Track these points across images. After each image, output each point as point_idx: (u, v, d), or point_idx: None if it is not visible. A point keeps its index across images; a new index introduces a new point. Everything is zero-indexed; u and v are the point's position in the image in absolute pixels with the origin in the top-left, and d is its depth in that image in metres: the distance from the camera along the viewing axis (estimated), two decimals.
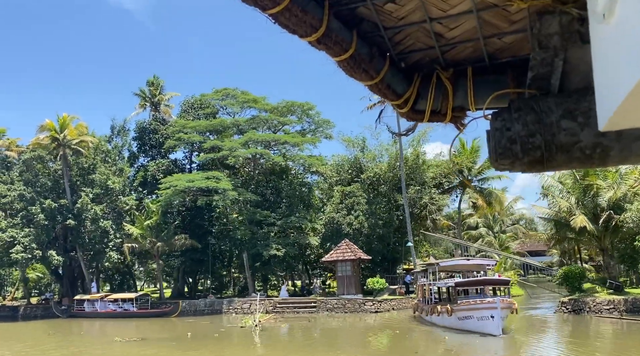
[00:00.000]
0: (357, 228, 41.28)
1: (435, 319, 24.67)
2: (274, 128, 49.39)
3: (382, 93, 2.71)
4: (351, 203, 42.57)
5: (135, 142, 52.25)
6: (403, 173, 43.00)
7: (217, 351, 21.28)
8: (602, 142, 1.82)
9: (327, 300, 37.99)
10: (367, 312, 35.53)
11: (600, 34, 1.19)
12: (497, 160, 2.04)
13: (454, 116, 2.84)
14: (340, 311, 36.47)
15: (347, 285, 38.45)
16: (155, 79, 53.30)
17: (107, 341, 23.96)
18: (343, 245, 39.13)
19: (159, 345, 22.76)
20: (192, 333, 26.15)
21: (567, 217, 35.30)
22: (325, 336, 26.20)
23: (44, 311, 44.84)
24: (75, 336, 28.40)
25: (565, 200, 35.02)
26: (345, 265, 38.56)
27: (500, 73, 2.66)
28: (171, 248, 43.11)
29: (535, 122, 1.93)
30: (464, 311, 22.03)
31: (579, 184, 35.13)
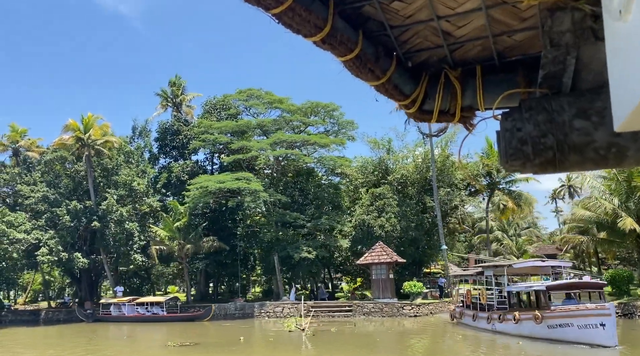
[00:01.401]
0: (389, 230, 40.54)
1: (502, 326, 22.68)
2: (297, 130, 48.74)
3: (388, 93, 2.65)
4: (382, 205, 41.84)
5: (156, 143, 51.40)
6: (434, 175, 42.37)
7: (280, 355, 20.48)
8: (618, 142, 1.73)
9: (363, 304, 37.21)
10: (405, 316, 34.80)
11: (616, 31, 1.12)
12: (507, 162, 1.95)
13: (463, 116, 2.76)
14: (378, 315, 35.71)
15: (383, 288, 37.67)
16: (177, 79, 52.53)
17: (159, 346, 23.10)
18: (377, 247, 38.38)
19: (218, 350, 21.93)
20: (243, 338, 25.31)
21: (609, 219, 34.81)
22: (381, 340, 25.40)
23: (67, 315, 43.85)
24: (118, 340, 27.48)
25: (608, 202, 34.44)
26: (380, 268, 37.79)
27: (510, 72, 2.59)
28: (199, 250, 42.26)
29: (547, 122, 1.87)
30: (558, 319, 19.39)
31: (622, 186, 34.61)
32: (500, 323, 22.77)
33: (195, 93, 53.25)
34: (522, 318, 21.36)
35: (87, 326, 37.52)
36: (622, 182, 34.98)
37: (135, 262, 43.50)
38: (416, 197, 45.00)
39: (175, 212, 42.42)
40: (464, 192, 46.37)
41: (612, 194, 34.98)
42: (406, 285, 37.60)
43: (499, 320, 22.92)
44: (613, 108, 1.15)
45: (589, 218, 36.17)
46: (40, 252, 39.80)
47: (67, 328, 37.29)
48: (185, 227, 41.91)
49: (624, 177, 34.64)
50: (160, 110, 52.43)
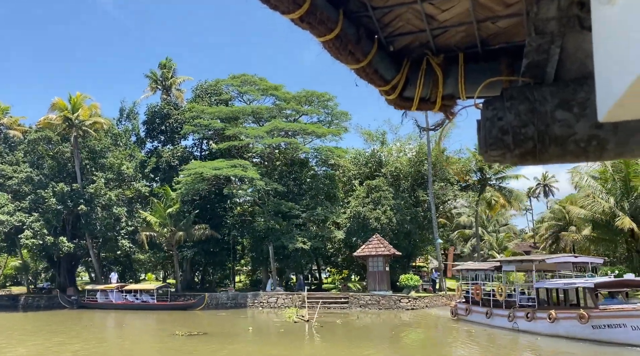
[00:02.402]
0: (385, 223, 40.35)
1: (529, 325, 21.12)
2: (290, 118, 48.02)
3: (369, 78, 2.60)
4: (378, 197, 41.61)
5: (143, 126, 49.83)
6: (430, 168, 42.38)
7: (298, 346, 19.96)
8: (599, 134, 1.73)
9: (359, 296, 36.96)
10: (402, 309, 34.68)
11: (604, 17, 1.10)
12: (487, 151, 1.92)
13: (444, 104, 2.73)
14: (374, 307, 35.52)
15: (379, 281, 37.51)
16: (168, 61, 51.00)
17: (167, 336, 22.27)
18: (375, 240, 38.19)
19: (231, 340, 21.26)
20: (252, 328, 24.71)
21: (604, 218, 35.43)
22: (395, 334, 25.14)
23: (48, 301, 42.23)
24: (117, 328, 26.46)
25: (605, 201, 35.02)
26: (377, 261, 37.64)
27: (493, 60, 2.56)
28: (190, 238, 41.23)
29: (529, 112, 1.85)
30: (608, 319, 18.15)
31: (618, 186, 35.25)
32: (529, 322, 21.28)
33: (186, 76, 51.87)
34: (560, 317, 19.88)
35: (74, 313, 36.21)
36: (617, 182, 35.65)
37: (122, 247, 42.19)
38: (409, 190, 44.97)
39: (166, 198, 41.21)
40: (456, 187, 46.58)
41: (608, 193, 35.56)
42: (403, 277, 37.54)
43: (527, 318, 21.42)
44: (598, 98, 1.12)
45: (584, 217, 36.71)
46: (24, 235, 38.15)
47: (53, 314, 35.89)
48: (176, 213, 40.78)
49: (620, 176, 35.28)
50: (149, 92, 50.84)
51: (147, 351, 17.81)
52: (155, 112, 47.99)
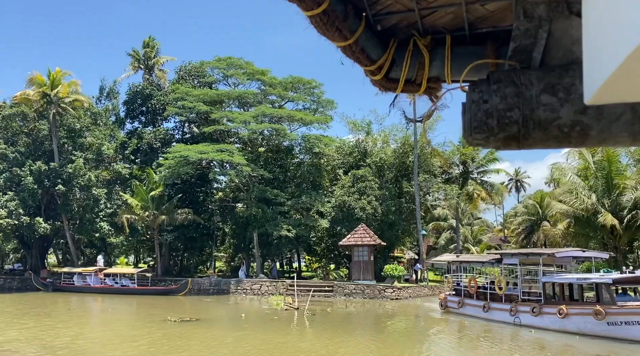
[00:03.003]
0: (370, 213, 40.39)
1: (534, 320, 20.38)
2: (275, 104, 47.42)
3: (355, 56, 2.58)
4: (363, 187, 41.58)
5: (124, 106, 48.37)
6: (416, 160, 42.60)
7: (297, 334, 19.75)
8: (582, 120, 1.76)
9: (344, 284, 36.98)
10: (387, 299, 34.85)
11: (594, 1, 1.12)
12: (471, 135, 1.94)
13: (429, 87, 2.72)
14: (359, 296, 35.61)
15: (364, 270, 37.60)
16: (151, 40, 49.56)
17: (159, 321, 21.71)
18: (360, 229, 38.21)
19: (226, 326, 20.89)
20: (244, 315, 24.36)
21: (585, 214, 36.20)
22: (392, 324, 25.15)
23: (21, 283, 40.81)
24: (104, 313, 25.67)
25: (587, 197, 35.76)
26: (362, 250, 37.71)
27: (480, 44, 2.55)
28: (172, 222, 40.39)
29: (514, 96, 1.86)
30: (626, 316, 17.54)
31: (601, 183, 36.03)
32: (535, 317, 20.43)
33: (169, 56, 50.49)
34: (572, 313, 19.02)
35: (50, 296, 35.07)
36: (600, 179, 36.44)
37: (101, 230, 41.04)
38: (393, 181, 45.10)
39: (148, 181, 40.21)
40: (439, 179, 46.96)
41: (590, 190, 36.31)
42: (387, 267, 37.71)
43: (533, 312, 20.56)
44: (585, 80, 1.13)
45: (565, 212, 37.43)
46: None
47: (28, 297, 34.68)
48: (158, 197, 39.87)
49: (602, 174, 36.07)
50: (131, 71, 49.39)
51: (149, 336, 17.27)
52: (137, 92, 46.63)
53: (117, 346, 14.78)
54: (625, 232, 34.46)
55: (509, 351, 15.83)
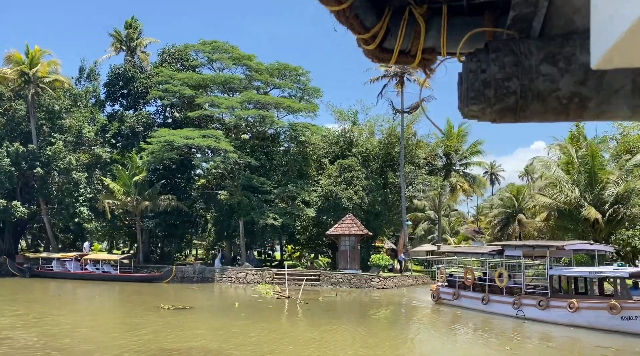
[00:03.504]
0: (357, 203, 40.34)
1: (540, 313, 19.91)
2: (260, 91, 46.77)
3: (349, 23, 2.46)
4: (350, 177, 41.47)
5: (104, 88, 46.94)
6: (402, 151, 42.66)
7: (298, 323, 19.54)
8: (582, 91, 1.72)
9: (330, 274, 36.89)
10: (373, 288, 34.93)
11: None
12: (467, 105, 1.89)
13: (424, 59, 2.64)
14: (346, 286, 35.58)
15: (350, 260, 37.60)
16: (134, 21, 48.15)
17: (151, 308, 21.18)
18: (348, 219, 38.14)
19: (222, 314, 20.50)
20: (236, 303, 24.02)
21: (568, 208, 36.91)
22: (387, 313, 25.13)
23: None
24: (92, 300, 24.89)
25: (570, 191, 36.44)
26: (349, 240, 37.67)
27: (477, 15, 2.48)
28: (155, 208, 39.56)
29: (513, 65, 1.81)
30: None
31: (584, 177, 36.74)
32: (542, 310, 19.94)
33: (152, 38, 49.14)
34: (584, 307, 18.51)
35: (27, 282, 33.96)
36: (583, 173, 37.16)
37: (80, 215, 39.89)
38: (378, 171, 45.11)
39: (132, 166, 39.21)
40: (424, 170, 47.19)
41: (573, 184, 37.00)
42: (374, 257, 37.80)
43: (539, 306, 20.04)
44: (592, 43, 1.12)
45: (549, 205, 38.07)
46: None
47: (6, 282, 33.43)
48: (141, 182, 38.95)
49: (586, 168, 36.77)
50: (112, 52, 47.93)
51: (151, 325, 16.76)
52: (119, 74, 45.30)
53: (122, 336, 14.28)
54: (606, 226, 35.30)
55: (518, 344, 15.89)
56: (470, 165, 51.04)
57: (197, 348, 12.58)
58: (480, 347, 15.74)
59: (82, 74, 46.48)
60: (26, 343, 12.41)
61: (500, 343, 15.68)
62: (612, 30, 0.99)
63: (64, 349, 11.92)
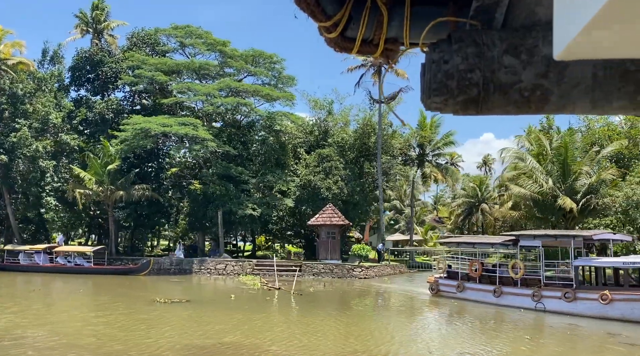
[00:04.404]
0: (336, 193, 40.22)
1: (564, 306, 19.12)
2: (234, 78, 45.74)
3: (309, 10, 2.40)
4: (329, 167, 41.28)
5: (69, 72, 44.63)
6: (380, 141, 42.80)
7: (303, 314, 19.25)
8: (543, 84, 1.72)
9: (312, 264, 36.69)
10: (355, 278, 35.00)
11: None
12: (429, 97, 1.87)
13: (387, 49, 2.61)
14: (328, 276, 35.48)
15: (331, 250, 37.51)
16: (101, 2, 45.91)
17: (148, 302, 20.35)
18: (328, 209, 37.99)
19: (223, 307, 19.92)
20: (232, 295, 23.45)
21: (541, 198, 38.03)
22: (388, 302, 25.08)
23: None
24: (77, 295, 23.63)
25: (544, 182, 37.53)
26: (330, 230, 37.54)
27: (440, 4, 2.45)
28: (129, 198, 38.11)
29: (476, 56, 1.79)
30: None
31: (557, 168, 37.91)
32: (569, 302, 19.05)
33: (121, 21, 47.07)
34: (618, 299, 17.70)
35: None
36: (555, 164, 38.34)
37: (47, 205, 37.96)
38: (354, 161, 45.13)
39: (104, 154, 37.56)
40: (399, 160, 47.56)
41: (547, 174, 38.11)
42: (355, 247, 37.86)
43: (565, 298, 19.12)
44: (555, 34, 1.11)
45: (524, 195, 39.06)
46: None
47: None
48: (114, 171, 37.41)
49: (559, 159, 37.95)
50: (77, 35, 45.61)
51: (161, 319, 16.05)
52: (86, 58, 43.18)
53: (145, 333, 13.48)
54: (579, 215, 36.60)
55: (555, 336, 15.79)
56: (442, 156, 51.81)
57: (231, 343, 12.07)
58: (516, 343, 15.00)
59: (45, 57, 44.00)
60: (46, 343, 11.55)
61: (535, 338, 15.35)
62: (575, 20, 0.97)
63: (92, 349, 11.17)
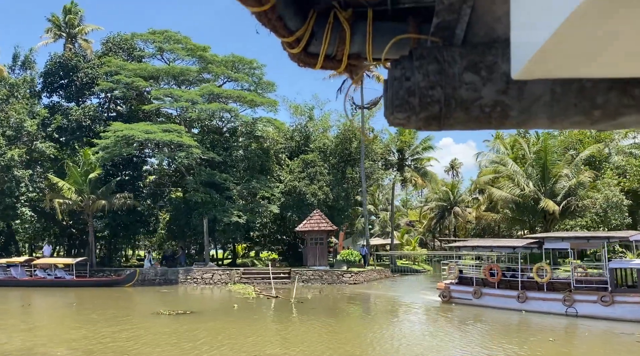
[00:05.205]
0: (322, 199, 40.12)
1: (602, 310, 18.50)
2: (213, 84, 45.15)
3: (271, 25, 2.41)
4: (313, 172, 41.16)
5: (41, 78, 43.00)
6: (363, 146, 42.98)
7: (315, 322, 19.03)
8: (504, 100, 1.77)
9: (301, 271, 36.39)
10: (346, 284, 34.93)
11: None
12: (392, 113, 1.91)
13: (350, 64, 2.64)
14: (317, 282, 35.27)
15: (319, 256, 37.35)
16: (74, 6, 44.56)
17: (153, 315, 19.71)
18: (316, 215, 37.86)
19: (229, 318, 19.48)
20: (235, 305, 23.00)
21: (522, 200, 39.00)
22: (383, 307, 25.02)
23: None
24: (73, 309, 22.64)
25: (525, 185, 38.52)
26: (317, 236, 37.40)
27: (402, 20, 2.48)
28: (111, 207, 36.97)
29: (437, 73, 1.84)
30: None
31: (537, 171, 38.98)
32: (606, 307, 18.39)
33: (95, 25, 45.79)
34: None
35: None
36: (535, 168, 39.41)
37: (22, 216, 36.43)
38: (336, 167, 45.17)
39: (84, 162, 36.33)
40: (380, 164, 47.86)
41: (528, 178, 39.13)
42: (344, 252, 37.76)
43: (603, 302, 18.45)
44: (512, 55, 1.14)
45: (505, 198, 39.98)
46: None
47: None
48: (95, 180, 36.24)
49: (539, 163, 39.03)
50: (50, 39, 44.15)
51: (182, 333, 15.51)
52: (61, 63, 41.74)
53: (177, 349, 13.05)
54: (560, 217, 37.72)
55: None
56: (421, 161, 52.40)
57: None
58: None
59: (15, 62, 42.35)
60: None
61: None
62: (531, 41, 0.97)
63: None
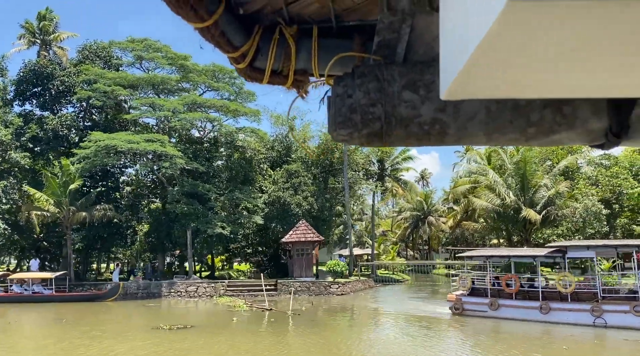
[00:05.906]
0: (307, 209, 39.91)
1: (632, 320, 18.12)
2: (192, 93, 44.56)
3: (215, 41, 2.41)
4: (297, 183, 40.95)
5: (13, 86, 41.50)
6: (346, 157, 43.08)
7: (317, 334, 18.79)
8: (442, 118, 1.81)
9: (287, 282, 35.99)
10: (333, 295, 34.74)
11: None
12: (335, 130, 1.93)
13: (296, 79, 2.64)
14: (305, 293, 34.95)
15: (306, 267, 37.06)
16: (48, 12, 43.30)
17: (155, 330, 19.05)
18: (302, 226, 37.61)
19: (239, 331, 19.08)
20: (234, 318, 22.50)
21: (502, 210, 39.70)
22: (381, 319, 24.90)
23: None
24: (64, 325, 21.61)
25: (506, 195, 39.24)
26: (304, 247, 37.13)
27: (347, 37, 2.51)
28: (91, 219, 35.81)
29: (377, 91, 1.87)
30: None
31: (516, 181, 39.77)
32: (638, 317, 18.02)
33: (71, 32, 44.58)
34: None
35: None
36: (514, 178, 40.23)
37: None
38: (319, 177, 45.09)
39: (63, 173, 35.12)
40: (361, 174, 48.03)
41: (508, 188, 39.88)
42: (330, 263, 37.62)
43: (634, 311, 18.03)
44: (441, 75, 1.16)
45: (486, 208, 40.60)
46: None
47: None
48: (74, 191, 35.07)
49: (519, 173, 39.86)
50: (23, 46, 42.70)
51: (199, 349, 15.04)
52: (35, 71, 40.38)
53: None
54: (540, 226, 38.56)
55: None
56: (400, 171, 52.94)
57: None
58: None
59: None
60: None
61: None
62: (455, 61, 0.98)
63: None
